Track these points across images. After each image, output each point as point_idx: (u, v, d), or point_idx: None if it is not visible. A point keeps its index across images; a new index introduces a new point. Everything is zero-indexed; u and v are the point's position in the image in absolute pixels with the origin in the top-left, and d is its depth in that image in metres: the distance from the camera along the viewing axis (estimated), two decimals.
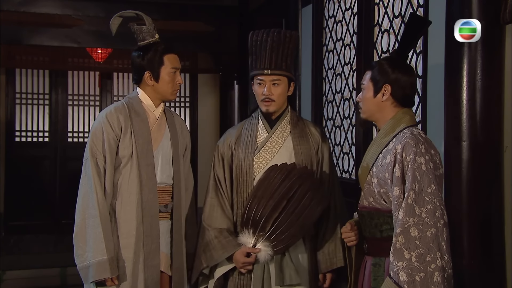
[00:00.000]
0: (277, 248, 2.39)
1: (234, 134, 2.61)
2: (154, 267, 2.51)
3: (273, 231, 2.37)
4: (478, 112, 2.48)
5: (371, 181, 2.06)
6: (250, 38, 2.52)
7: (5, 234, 6.92)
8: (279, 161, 2.49)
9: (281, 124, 2.56)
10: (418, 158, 1.91)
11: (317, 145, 2.58)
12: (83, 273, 2.45)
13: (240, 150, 2.54)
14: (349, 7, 3.93)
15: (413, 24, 2.12)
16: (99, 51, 6.51)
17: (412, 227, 1.86)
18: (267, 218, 2.36)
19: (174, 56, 2.59)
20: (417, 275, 1.83)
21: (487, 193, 2.50)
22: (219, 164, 2.60)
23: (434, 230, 1.86)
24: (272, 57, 2.46)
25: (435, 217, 1.87)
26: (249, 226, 2.40)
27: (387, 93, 2.06)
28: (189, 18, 6.05)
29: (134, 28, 2.57)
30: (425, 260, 1.84)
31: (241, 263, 2.43)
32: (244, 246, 2.42)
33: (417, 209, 1.87)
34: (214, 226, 2.51)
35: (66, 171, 7.24)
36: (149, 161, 2.53)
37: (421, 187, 1.89)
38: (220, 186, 2.58)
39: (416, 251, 1.85)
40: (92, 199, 2.43)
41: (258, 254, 2.39)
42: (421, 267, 1.84)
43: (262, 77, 2.49)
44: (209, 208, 2.55)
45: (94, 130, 2.51)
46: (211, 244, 2.49)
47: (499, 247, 2.49)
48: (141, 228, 2.49)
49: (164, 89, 2.57)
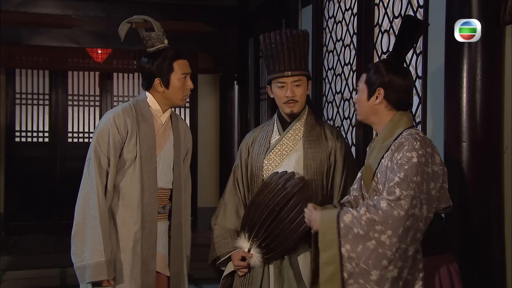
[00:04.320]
0: (267, 255, 2.39)
1: (252, 135, 2.62)
2: (150, 272, 2.52)
3: (265, 238, 2.37)
4: (478, 113, 2.48)
5: (377, 187, 2.04)
6: (264, 41, 2.48)
7: (5, 234, 6.92)
8: (289, 164, 2.47)
9: (293, 126, 2.52)
10: (408, 153, 1.90)
11: (329, 150, 2.51)
12: (79, 272, 2.45)
13: (254, 151, 2.55)
14: (349, 7, 3.93)
15: (408, 27, 2.10)
16: (99, 52, 6.53)
17: (384, 201, 1.86)
18: (261, 225, 2.36)
19: (184, 61, 2.57)
20: (356, 228, 1.87)
21: (487, 194, 2.50)
22: (239, 165, 2.61)
23: (403, 213, 1.84)
24: (291, 58, 2.44)
25: (410, 204, 1.85)
26: (246, 230, 2.42)
27: (380, 96, 2.05)
28: (189, 18, 6.06)
29: (143, 35, 2.55)
30: (375, 229, 1.85)
31: (234, 265, 2.47)
32: (240, 249, 2.45)
33: (397, 191, 1.86)
34: (220, 226, 2.56)
35: (66, 171, 7.24)
36: (152, 166, 2.53)
37: (407, 174, 1.88)
38: (238, 186, 2.60)
39: (372, 216, 1.86)
40: (93, 200, 2.42)
41: (251, 259, 2.41)
42: (366, 229, 1.86)
43: (283, 80, 2.45)
44: (220, 208, 2.60)
45: (100, 130, 2.50)
46: (213, 242, 2.55)
47: (499, 247, 2.49)
48: (140, 233, 2.49)
49: (174, 95, 2.56)
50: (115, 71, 7.41)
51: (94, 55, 6.57)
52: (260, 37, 2.52)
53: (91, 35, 5.89)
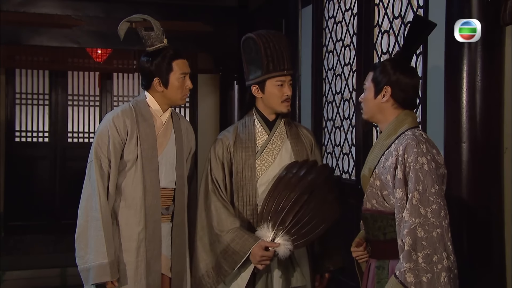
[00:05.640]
0: (297, 242, 2.30)
1: (230, 137, 2.55)
2: (156, 272, 2.52)
3: (294, 224, 2.30)
4: (478, 114, 2.48)
5: (374, 183, 2.05)
6: (260, 40, 2.47)
7: (4, 235, 6.91)
8: (281, 162, 2.49)
9: (279, 125, 2.56)
10: (420, 159, 1.90)
11: (310, 147, 2.59)
12: (83, 275, 2.46)
13: (239, 154, 2.50)
14: (349, 7, 3.93)
15: (417, 26, 2.11)
16: (99, 52, 6.51)
17: (419, 228, 1.86)
18: (288, 211, 2.29)
19: (183, 61, 2.57)
20: (424, 276, 1.83)
21: (487, 194, 2.50)
22: (218, 167, 2.54)
23: (440, 230, 1.86)
24: (287, 58, 2.50)
25: (440, 217, 1.87)
26: (269, 219, 2.32)
27: (387, 94, 2.06)
28: (188, 18, 6.04)
29: (142, 34, 2.55)
30: (432, 260, 1.84)
31: (259, 256, 2.29)
32: (262, 240, 2.31)
33: (422, 210, 1.87)
34: (227, 229, 2.40)
35: (66, 171, 7.24)
36: (153, 167, 2.52)
37: (425, 187, 1.88)
38: (220, 189, 2.51)
39: (423, 252, 1.84)
40: (95, 201, 2.42)
41: (277, 249, 2.29)
42: (428, 268, 1.83)
43: (283, 78, 2.48)
44: (216, 213, 2.45)
45: (100, 132, 2.50)
46: (229, 249, 2.38)
47: (499, 248, 2.50)
48: (144, 233, 2.49)
49: (173, 95, 2.56)
50: (115, 71, 7.39)
51: (94, 55, 6.56)
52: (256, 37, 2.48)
53: (91, 35, 5.87)
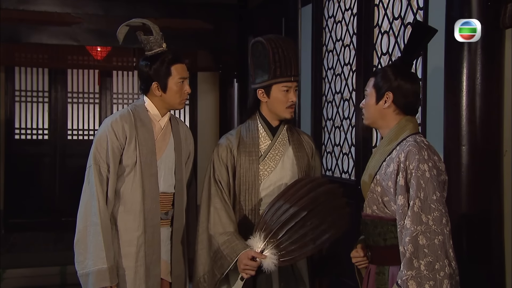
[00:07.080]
0: (284, 258, 2.24)
1: (233, 141, 2.55)
2: (155, 276, 2.52)
3: (285, 239, 2.24)
4: (478, 117, 2.48)
5: (375, 189, 2.05)
6: (269, 45, 2.44)
7: (4, 232, 6.92)
8: (283, 168, 2.49)
9: (282, 131, 2.55)
10: (421, 165, 1.90)
11: (311, 153, 2.59)
12: (83, 280, 2.46)
13: (243, 158, 2.49)
14: (349, 7, 3.92)
15: (418, 32, 2.11)
16: (98, 49, 6.51)
17: (420, 235, 1.86)
18: (282, 225, 2.23)
19: (181, 65, 2.57)
20: (427, 283, 1.83)
21: (487, 197, 2.51)
22: (222, 169, 2.50)
23: (442, 237, 1.86)
24: (295, 64, 2.48)
25: (441, 224, 1.87)
26: (263, 230, 2.28)
27: (389, 100, 2.05)
28: (188, 16, 6.04)
29: (141, 38, 2.54)
30: (434, 268, 1.84)
31: (243, 264, 2.28)
32: (250, 249, 2.29)
33: (423, 217, 1.87)
34: (220, 232, 2.40)
35: (65, 168, 7.25)
36: (152, 171, 2.52)
37: (427, 195, 1.88)
38: (224, 191, 2.49)
39: (425, 259, 1.85)
40: (94, 207, 2.42)
41: (263, 261, 2.24)
42: (431, 275, 1.84)
43: (289, 84, 2.46)
44: (214, 215, 2.44)
45: (99, 137, 2.50)
46: (219, 252, 2.38)
47: (498, 251, 2.50)
48: (143, 238, 2.49)
49: (172, 99, 2.56)
50: (115, 69, 7.39)
51: (94, 53, 6.56)
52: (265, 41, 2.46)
53: (90, 32, 5.87)
